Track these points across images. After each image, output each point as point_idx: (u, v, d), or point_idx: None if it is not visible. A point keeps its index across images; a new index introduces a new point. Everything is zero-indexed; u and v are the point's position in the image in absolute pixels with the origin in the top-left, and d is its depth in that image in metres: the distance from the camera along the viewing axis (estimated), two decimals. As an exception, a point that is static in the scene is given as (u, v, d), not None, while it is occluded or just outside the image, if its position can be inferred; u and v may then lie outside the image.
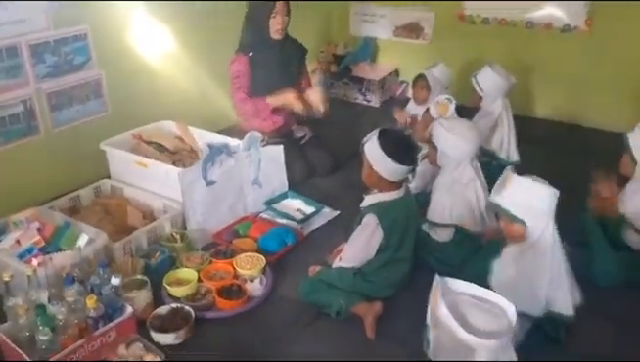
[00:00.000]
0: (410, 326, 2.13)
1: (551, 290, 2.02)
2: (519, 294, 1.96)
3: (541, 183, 1.93)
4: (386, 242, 2.24)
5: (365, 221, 2.25)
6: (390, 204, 2.24)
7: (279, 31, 3.18)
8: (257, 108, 3.22)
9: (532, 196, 1.94)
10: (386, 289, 2.31)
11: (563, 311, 2.03)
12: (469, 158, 2.50)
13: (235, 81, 3.24)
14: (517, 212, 1.95)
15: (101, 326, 1.97)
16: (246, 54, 3.21)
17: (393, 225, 2.23)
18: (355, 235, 2.31)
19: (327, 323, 2.21)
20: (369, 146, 2.21)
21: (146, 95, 3.43)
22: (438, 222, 2.53)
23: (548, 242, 1.97)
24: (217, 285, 2.31)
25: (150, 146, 2.99)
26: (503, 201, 1.97)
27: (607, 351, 2.11)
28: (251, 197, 2.91)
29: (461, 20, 4.41)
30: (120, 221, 2.67)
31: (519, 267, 2.02)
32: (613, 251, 2.42)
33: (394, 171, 2.17)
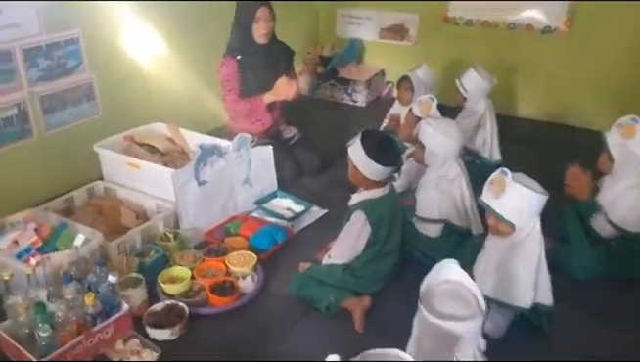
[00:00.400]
0: (398, 320, 2.19)
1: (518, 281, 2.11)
2: (506, 286, 2.07)
3: (531, 188, 1.98)
4: (373, 237, 2.34)
5: (353, 218, 2.34)
6: (377, 201, 2.33)
7: (263, 36, 3.23)
8: (251, 107, 3.28)
9: (523, 202, 1.99)
10: (374, 283, 2.39)
11: (544, 301, 2.12)
12: (454, 156, 2.59)
13: (225, 84, 3.30)
14: (506, 215, 2.01)
15: (99, 322, 2.04)
16: (234, 57, 3.27)
17: (380, 220, 2.33)
18: (344, 232, 2.40)
19: (317, 318, 2.29)
20: (353, 148, 2.30)
21: (137, 97, 3.49)
22: (428, 218, 2.62)
23: (536, 239, 2.06)
24: (210, 282, 2.38)
25: (141, 147, 3.05)
26: (493, 203, 2.02)
27: (586, 342, 2.21)
28: (241, 196, 2.98)
29: (445, 21, 4.51)
30: (114, 222, 2.73)
31: (507, 261, 2.09)
32: (589, 245, 2.53)
33: (377, 172, 2.27)
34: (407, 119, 3.13)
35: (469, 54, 4.40)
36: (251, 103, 3.28)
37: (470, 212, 2.61)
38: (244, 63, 3.27)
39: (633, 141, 2.45)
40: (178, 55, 3.67)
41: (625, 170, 2.50)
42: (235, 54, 3.27)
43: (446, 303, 1.54)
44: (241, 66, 3.27)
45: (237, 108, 3.31)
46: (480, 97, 3.30)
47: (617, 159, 2.51)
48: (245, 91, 3.29)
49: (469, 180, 2.64)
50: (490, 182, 2.06)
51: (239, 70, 3.27)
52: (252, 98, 3.27)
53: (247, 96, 3.29)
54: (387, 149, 2.30)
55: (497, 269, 2.11)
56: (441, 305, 1.53)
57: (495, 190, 2.02)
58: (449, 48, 4.51)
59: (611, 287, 2.48)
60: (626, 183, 2.50)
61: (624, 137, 2.48)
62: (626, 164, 2.49)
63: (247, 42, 3.25)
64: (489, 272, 2.13)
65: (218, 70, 3.32)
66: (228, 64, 3.28)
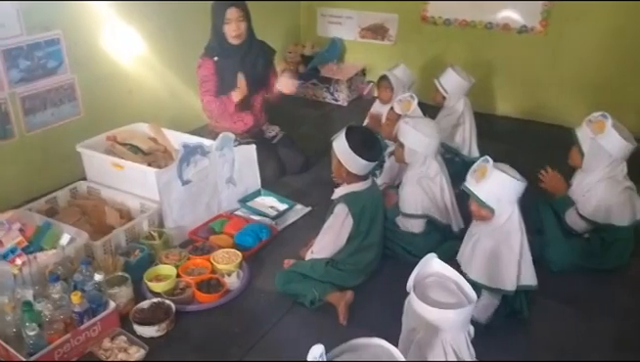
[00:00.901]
0: (380, 312, 2.28)
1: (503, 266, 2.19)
2: (491, 270, 2.16)
3: (511, 175, 2.09)
4: (355, 229, 2.40)
5: (336, 210, 2.41)
6: (359, 194, 2.40)
7: (236, 37, 3.22)
8: (223, 106, 3.29)
9: (502, 188, 2.10)
10: (356, 276, 2.45)
11: (528, 282, 2.20)
12: (434, 154, 2.65)
13: (203, 85, 3.31)
14: (487, 200, 2.12)
15: (86, 320, 2.06)
16: (211, 58, 3.27)
17: (362, 213, 2.39)
18: (328, 224, 2.46)
19: (302, 312, 2.34)
20: (337, 143, 2.35)
21: (119, 97, 3.50)
22: (412, 213, 2.67)
23: (515, 224, 2.15)
24: (196, 279, 2.41)
25: (124, 147, 3.06)
26: (475, 188, 2.14)
27: (563, 330, 2.29)
28: (225, 195, 3.01)
29: (424, 21, 4.58)
30: (98, 221, 2.73)
31: (490, 246, 2.18)
32: (564, 238, 2.61)
33: (360, 166, 2.33)
34: (388, 118, 3.18)
35: (448, 53, 4.49)
36: (222, 101, 3.29)
37: (450, 209, 2.67)
38: (220, 64, 3.27)
39: (602, 136, 2.53)
40: (159, 55, 3.69)
41: (595, 164, 2.58)
42: (212, 55, 3.28)
43: (436, 294, 1.60)
44: (217, 67, 3.27)
45: (211, 107, 3.32)
46: (459, 96, 3.37)
47: (587, 154, 2.59)
48: (222, 92, 3.30)
49: (448, 177, 2.70)
50: (474, 169, 2.17)
51: (215, 72, 3.28)
52: (223, 98, 3.29)
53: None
54: (370, 144, 2.36)
55: (482, 254, 2.20)
56: (431, 296, 1.59)
57: (477, 176, 2.14)
58: (428, 47, 4.59)
59: (585, 278, 2.57)
60: (596, 177, 2.59)
61: (594, 132, 2.56)
62: (596, 159, 2.57)
63: (222, 43, 3.26)
64: (475, 257, 2.21)
65: (196, 71, 3.33)
66: (205, 65, 3.29)
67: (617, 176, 2.59)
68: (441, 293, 1.61)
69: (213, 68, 3.27)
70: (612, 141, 2.52)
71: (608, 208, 2.56)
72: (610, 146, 2.53)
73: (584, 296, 2.48)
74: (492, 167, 2.11)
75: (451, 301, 1.58)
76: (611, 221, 2.57)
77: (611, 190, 2.56)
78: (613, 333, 2.28)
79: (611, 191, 2.56)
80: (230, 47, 3.26)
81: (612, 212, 2.57)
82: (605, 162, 2.56)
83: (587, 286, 2.54)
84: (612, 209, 2.56)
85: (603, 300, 2.46)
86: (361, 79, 4.97)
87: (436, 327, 1.55)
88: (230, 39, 3.23)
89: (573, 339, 2.24)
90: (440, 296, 1.59)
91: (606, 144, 2.53)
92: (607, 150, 2.54)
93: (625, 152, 2.54)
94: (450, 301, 1.58)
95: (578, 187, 2.67)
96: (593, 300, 2.46)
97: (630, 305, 2.43)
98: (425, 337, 1.57)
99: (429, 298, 1.58)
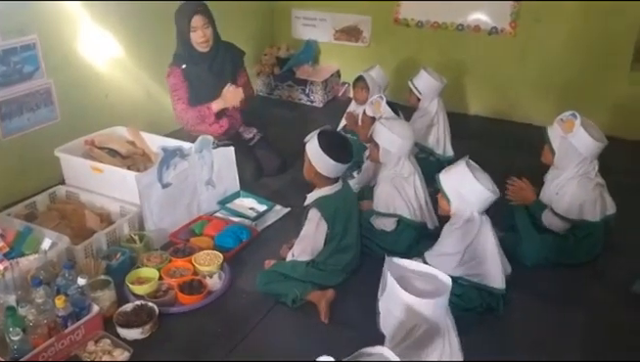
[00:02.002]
0: (360, 310, 2.33)
1: (486, 266, 2.31)
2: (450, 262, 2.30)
3: (481, 181, 2.20)
4: (331, 231, 2.45)
5: (310, 216, 2.46)
6: (330, 197, 2.45)
7: (202, 44, 3.23)
8: (200, 115, 3.31)
9: (464, 186, 2.24)
10: (336, 275, 2.50)
11: (496, 285, 2.32)
12: (407, 154, 2.73)
13: (174, 94, 3.32)
14: (447, 189, 2.28)
15: (70, 324, 2.07)
16: (179, 66, 3.28)
17: (335, 215, 2.44)
18: (303, 231, 2.50)
19: (284, 311, 2.38)
20: (310, 145, 2.41)
21: (96, 101, 3.50)
22: (384, 212, 2.74)
23: (473, 229, 2.26)
24: (178, 281, 2.44)
25: (102, 151, 3.07)
26: (442, 175, 2.30)
27: (536, 323, 2.37)
28: (204, 197, 3.03)
29: (396, 23, 4.66)
30: (78, 225, 2.74)
31: (453, 242, 2.31)
32: (537, 234, 2.70)
33: (331, 168, 2.39)
34: (363, 121, 3.24)
35: (421, 54, 4.57)
36: (200, 111, 3.31)
37: (424, 207, 2.74)
38: (189, 71, 3.28)
39: (572, 135, 2.62)
40: (135, 58, 3.69)
41: (566, 162, 2.67)
42: (180, 63, 3.29)
43: (416, 285, 1.67)
44: (186, 74, 3.28)
45: (187, 116, 3.32)
46: (432, 97, 3.45)
47: (557, 152, 2.68)
48: (193, 99, 3.31)
49: (422, 176, 2.78)
50: (453, 165, 2.33)
51: (185, 79, 3.29)
52: (201, 106, 3.30)
53: (196, 104, 3.31)
54: (341, 146, 2.43)
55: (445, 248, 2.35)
56: (413, 286, 1.66)
57: (449, 167, 2.31)
58: (402, 49, 4.67)
59: (557, 272, 2.66)
60: (567, 175, 2.68)
61: (565, 131, 2.65)
62: (567, 157, 2.66)
63: (189, 51, 3.26)
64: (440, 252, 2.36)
65: (166, 80, 3.34)
66: (174, 73, 3.29)
67: (589, 174, 2.67)
68: (422, 284, 1.68)
69: (182, 76, 3.28)
70: (581, 140, 2.60)
71: (581, 205, 2.65)
72: (579, 145, 2.61)
73: (556, 290, 2.57)
74: (465, 166, 2.23)
75: (432, 288, 1.65)
76: (583, 217, 2.67)
77: (583, 187, 2.65)
78: (584, 324, 2.37)
79: (583, 188, 2.65)
80: (197, 54, 3.27)
81: (584, 209, 2.66)
82: (575, 161, 2.65)
83: (559, 280, 2.63)
84: (584, 206, 2.65)
85: (575, 293, 2.56)
86: (336, 81, 5.03)
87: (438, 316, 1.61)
88: (197, 46, 3.24)
89: (546, 332, 2.33)
90: (425, 287, 1.66)
91: (576, 143, 2.62)
92: (577, 148, 2.62)
93: (595, 150, 2.63)
94: (431, 288, 1.65)
95: (551, 185, 2.75)
96: (565, 294, 2.56)
97: (601, 297, 2.53)
98: (429, 329, 1.63)
99: (412, 290, 1.65)
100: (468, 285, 2.32)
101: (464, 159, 2.28)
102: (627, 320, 2.39)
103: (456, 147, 3.53)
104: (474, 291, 2.33)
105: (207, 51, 3.27)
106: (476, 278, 2.32)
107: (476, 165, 2.30)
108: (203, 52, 3.26)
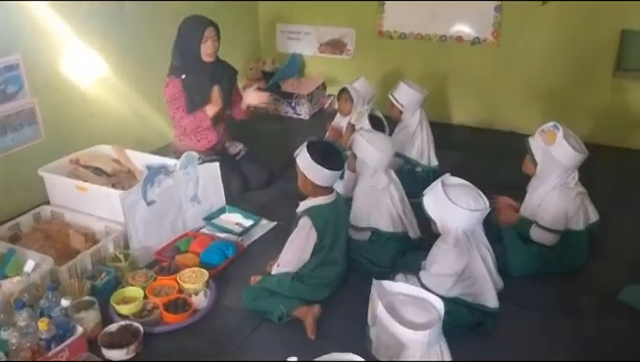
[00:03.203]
0: (347, 325, 2.33)
1: (479, 285, 2.30)
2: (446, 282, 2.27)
3: (459, 201, 2.18)
4: (319, 242, 2.45)
5: (300, 224, 2.46)
6: (322, 208, 2.46)
7: (210, 55, 3.32)
8: (197, 122, 3.34)
9: (442, 209, 2.23)
10: (322, 290, 2.50)
11: (489, 304, 2.31)
12: (383, 168, 2.74)
13: (173, 103, 3.34)
14: (430, 214, 2.28)
15: (53, 347, 2.05)
16: (178, 77, 3.32)
17: (326, 226, 2.44)
18: (292, 237, 2.51)
19: (270, 328, 2.38)
20: (300, 157, 2.42)
21: (80, 120, 3.50)
22: (357, 226, 2.76)
23: (465, 245, 2.25)
24: (163, 300, 2.43)
25: (87, 170, 3.06)
26: (424, 200, 2.28)
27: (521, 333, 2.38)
28: (190, 213, 3.03)
29: (380, 35, 4.70)
30: (62, 245, 2.72)
31: (449, 263, 2.28)
32: (522, 245, 2.72)
33: (325, 177, 2.40)
34: (347, 130, 3.26)
35: (405, 66, 4.61)
36: (196, 117, 3.34)
37: (404, 218, 2.75)
38: (188, 81, 3.32)
39: (554, 147, 2.64)
40: (120, 76, 3.70)
41: (547, 173, 2.69)
42: (179, 73, 3.32)
43: (409, 312, 1.67)
44: (185, 85, 3.32)
45: (184, 123, 3.35)
46: (414, 108, 3.46)
47: (539, 163, 2.70)
48: (191, 109, 3.35)
49: (401, 188, 2.79)
50: (433, 185, 2.30)
51: (184, 89, 3.32)
52: (197, 113, 3.33)
53: (192, 112, 3.34)
54: (331, 154, 2.45)
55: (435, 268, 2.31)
56: (405, 314, 1.66)
57: (428, 189, 2.29)
58: (386, 60, 4.70)
59: (542, 281, 2.67)
60: (549, 186, 2.69)
61: (546, 143, 2.67)
62: (548, 168, 2.68)
63: (192, 61, 3.31)
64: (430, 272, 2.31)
65: (163, 91, 3.35)
66: (173, 84, 3.32)
67: (569, 184, 2.69)
68: (416, 310, 1.68)
69: (181, 86, 3.31)
70: (562, 151, 2.62)
71: (565, 216, 2.67)
72: (561, 156, 2.63)
73: (543, 300, 2.58)
74: (440, 188, 2.21)
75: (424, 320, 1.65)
76: (568, 227, 2.69)
77: (565, 197, 2.66)
78: (571, 333, 2.38)
79: (565, 198, 2.66)
80: (200, 65, 3.32)
81: (568, 218, 2.68)
82: (556, 172, 2.66)
83: (545, 289, 2.64)
84: (568, 216, 2.68)
85: (561, 303, 2.56)
86: (322, 93, 5.05)
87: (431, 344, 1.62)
88: (204, 57, 3.31)
89: (534, 344, 2.33)
90: (415, 315, 1.66)
91: (557, 154, 2.63)
92: (558, 160, 2.64)
93: (576, 161, 2.64)
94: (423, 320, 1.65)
95: (533, 196, 2.77)
96: (552, 303, 2.56)
97: (587, 305, 2.54)
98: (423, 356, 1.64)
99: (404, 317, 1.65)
100: (461, 303, 2.30)
101: (440, 180, 2.26)
102: (615, 328, 2.40)
103: (441, 157, 3.54)
104: (465, 308, 2.31)
105: (210, 62, 3.35)
106: (470, 297, 2.30)
107: (457, 182, 2.28)
108: (206, 63, 3.33)
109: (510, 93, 4.41)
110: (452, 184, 2.27)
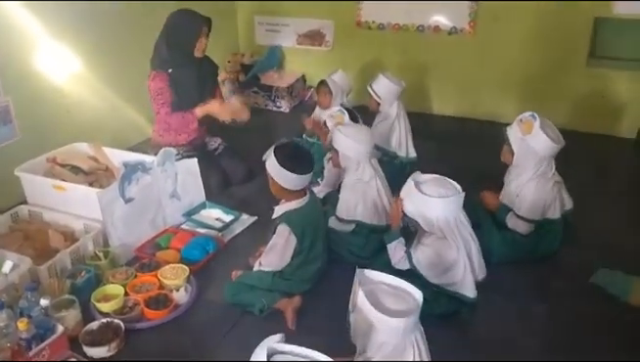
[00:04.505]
0: (328, 316, 2.34)
1: (461, 274, 2.32)
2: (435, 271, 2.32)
3: (430, 193, 2.23)
4: (299, 246, 2.46)
5: (279, 231, 2.46)
6: (298, 211, 2.46)
7: (202, 51, 3.33)
8: (184, 120, 3.32)
9: (423, 207, 2.27)
10: (303, 284, 2.52)
11: (468, 293, 2.34)
12: (367, 158, 2.76)
13: (158, 98, 3.31)
14: (411, 215, 2.31)
15: (34, 346, 2.05)
16: (165, 70, 3.29)
17: (304, 230, 2.45)
18: (271, 244, 2.51)
19: (251, 320, 2.40)
20: (269, 162, 2.42)
21: (56, 118, 3.46)
22: (344, 218, 2.78)
23: (448, 234, 2.29)
24: (144, 296, 2.43)
25: (64, 168, 3.04)
26: (405, 201, 2.31)
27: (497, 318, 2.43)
28: (169, 210, 3.02)
29: (358, 26, 4.71)
30: (41, 245, 2.71)
31: (430, 251, 2.34)
32: (497, 232, 2.77)
33: (293, 181, 2.40)
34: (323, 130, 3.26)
35: (383, 56, 4.63)
36: (184, 117, 3.32)
37: (389, 210, 2.78)
38: (175, 76, 3.30)
39: (531, 136, 2.68)
40: (95, 71, 3.66)
41: (524, 162, 2.74)
42: (165, 67, 3.29)
43: (388, 301, 1.70)
44: (172, 79, 3.30)
45: (170, 120, 3.34)
46: (392, 100, 3.48)
47: (517, 153, 2.74)
48: (177, 104, 3.33)
49: (385, 180, 2.82)
50: (406, 186, 2.33)
51: (170, 84, 3.30)
52: (185, 112, 3.32)
53: (179, 109, 3.33)
54: (299, 158, 2.43)
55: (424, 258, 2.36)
56: (384, 302, 1.69)
57: (405, 191, 2.32)
58: (365, 51, 4.72)
59: (519, 267, 2.72)
60: (526, 176, 2.74)
61: (523, 132, 2.71)
62: (525, 158, 2.72)
63: (181, 55, 3.29)
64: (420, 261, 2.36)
65: (148, 84, 3.32)
66: (160, 77, 3.29)
67: (547, 174, 2.74)
68: (395, 300, 1.71)
69: (168, 81, 3.29)
70: (539, 141, 2.66)
71: (542, 206, 2.72)
72: (537, 146, 2.67)
73: (519, 285, 2.63)
74: (413, 186, 2.26)
75: (403, 308, 1.68)
76: (546, 216, 2.74)
77: (542, 188, 2.71)
78: (545, 317, 2.43)
79: (543, 189, 2.71)
80: (189, 59, 3.31)
81: (545, 208, 2.73)
82: (533, 161, 2.71)
83: (521, 275, 2.69)
84: (545, 206, 2.73)
85: (537, 287, 2.62)
86: (302, 85, 5.05)
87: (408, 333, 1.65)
88: (197, 53, 3.32)
89: (510, 328, 2.38)
90: (394, 303, 1.69)
91: (534, 144, 2.68)
92: (535, 149, 2.68)
93: (552, 151, 2.69)
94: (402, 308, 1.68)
95: (511, 186, 2.81)
96: (528, 288, 2.62)
97: (562, 290, 2.60)
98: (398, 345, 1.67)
99: (384, 305, 1.68)
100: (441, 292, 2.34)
101: (411, 178, 2.30)
102: (588, 310, 2.46)
103: (420, 147, 3.57)
104: (445, 297, 2.35)
105: (198, 58, 3.36)
106: (451, 287, 2.33)
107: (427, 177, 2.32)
108: (196, 58, 3.34)
109: (487, 82, 4.46)
110: (423, 180, 2.31)
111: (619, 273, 2.60)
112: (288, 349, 1.42)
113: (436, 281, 2.34)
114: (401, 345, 1.65)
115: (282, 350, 1.41)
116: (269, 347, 1.38)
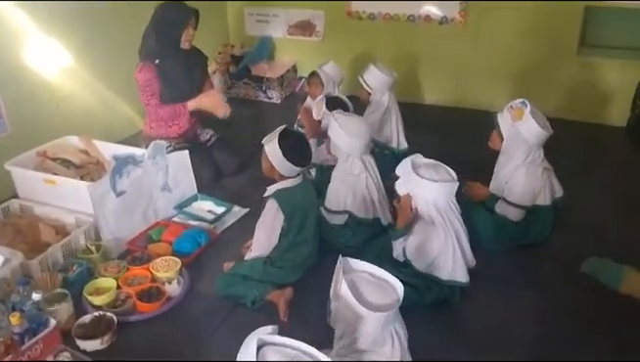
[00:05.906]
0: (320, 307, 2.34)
1: (450, 261, 2.35)
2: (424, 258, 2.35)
3: (428, 177, 2.27)
4: (287, 225, 2.48)
5: (267, 206, 2.49)
6: (289, 190, 2.49)
7: (189, 42, 3.33)
8: (174, 113, 3.32)
9: (415, 187, 2.32)
10: (294, 272, 2.54)
11: (460, 279, 2.38)
12: (358, 153, 2.75)
13: (146, 89, 3.30)
14: (401, 193, 2.35)
15: (27, 340, 2.06)
16: (152, 62, 3.28)
17: (293, 208, 2.47)
18: (260, 220, 2.53)
19: (244, 312, 2.41)
20: (270, 147, 2.43)
21: (46, 112, 3.44)
22: (333, 209, 2.79)
23: (438, 224, 2.31)
24: (136, 289, 2.44)
25: (55, 162, 3.03)
26: (397, 184, 2.37)
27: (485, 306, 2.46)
28: (161, 202, 3.02)
29: (349, 16, 4.69)
30: (33, 239, 2.71)
31: (418, 238, 2.36)
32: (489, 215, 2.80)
33: (291, 169, 2.44)
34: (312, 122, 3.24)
35: (374, 46, 4.62)
36: (175, 109, 3.32)
37: (377, 205, 2.79)
38: (163, 67, 3.29)
39: (521, 123, 2.70)
40: (85, 65, 3.64)
41: (513, 149, 2.76)
42: (153, 58, 3.28)
43: (369, 291, 1.71)
44: (159, 70, 3.29)
45: (160, 112, 3.33)
46: (383, 91, 3.48)
47: (506, 139, 2.76)
48: (166, 95, 3.32)
49: (377, 174, 2.82)
50: (401, 165, 2.39)
51: (158, 75, 3.29)
52: (176, 104, 3.31)
53: (168, 100, 3.32)
54: (301, 149, 2.47)
55: (415, 247, 2.38)
56: (365, 292, 1.70)
57: (401, 171, 2.37)
58: (355, 42, 4.71)
59: (509, 254, 2.75)
60: (515, 162, 2.76)
61: (514, 119, 2.73)
62: (515, 145, 2.74)
63: (168, 47, 3.28)
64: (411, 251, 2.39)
65: (136, 76, 3.30)
66: (147, 69, 3.28)
67: (536, 161, 2.76)
68: (376, 290, 1.72)
69: (155, 72, 3.27)
70: (529, 128, 2.68)
71: (532, 193, 2.75)
72: (527, 133, 2.69)
73: (508, 272, 2.66)
74: (410, 167, 2.29)
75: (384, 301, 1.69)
76: (536, 203, 2.76)
77: (532, 174, 2.74)
78: (535, 304, 2.45)
79: (532, 175, 2.74)
80: (176, 51, 3.31)
81: (535, 195, 2.75)
82: (522, 148, 2.73)
83: (511, 262, 2.72)
84: (535, 192, 2.75)
85: (526, 275, 2.64)
86: (293, 76, 5.04)
87: (359, 319, 1.66)
88: (183, 44, 3.31)
89: (499, 316, 2.40)
90: (376, 295, 1.70)
91: (524, 131, 2.70)
92: (524, 136, 2.70)
93: (541, 138, 2.71)
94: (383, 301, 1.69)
95: (501, 173, 2.84)
96: (516, 274, 2.64)
97: (551, 276, 2.63)
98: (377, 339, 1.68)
99: (364, 296, 1.69)
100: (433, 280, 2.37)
101: (410, 158, 2.34)
102: (578, 298, 2.48)
103: (412, 137, 3.57)
104: (437, 285, 2.37)
105: (186, 49, 3.35)
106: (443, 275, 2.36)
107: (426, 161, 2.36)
108: (183, 49, 3.33)
109: (478, 71, 4.46)
110: (421, 163, 2.34)
111: (609, 261, 2.62)
112: (278, 341, 1.42)
113: (427, 270, 2.35)
114: (381, 336, 1.67)
115: (272, 342, 1.41)
116: (259, 339, 1.39)
